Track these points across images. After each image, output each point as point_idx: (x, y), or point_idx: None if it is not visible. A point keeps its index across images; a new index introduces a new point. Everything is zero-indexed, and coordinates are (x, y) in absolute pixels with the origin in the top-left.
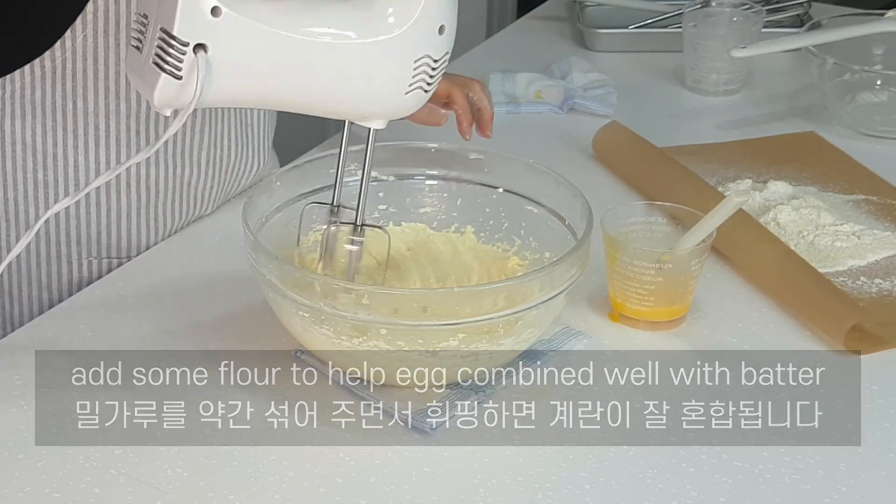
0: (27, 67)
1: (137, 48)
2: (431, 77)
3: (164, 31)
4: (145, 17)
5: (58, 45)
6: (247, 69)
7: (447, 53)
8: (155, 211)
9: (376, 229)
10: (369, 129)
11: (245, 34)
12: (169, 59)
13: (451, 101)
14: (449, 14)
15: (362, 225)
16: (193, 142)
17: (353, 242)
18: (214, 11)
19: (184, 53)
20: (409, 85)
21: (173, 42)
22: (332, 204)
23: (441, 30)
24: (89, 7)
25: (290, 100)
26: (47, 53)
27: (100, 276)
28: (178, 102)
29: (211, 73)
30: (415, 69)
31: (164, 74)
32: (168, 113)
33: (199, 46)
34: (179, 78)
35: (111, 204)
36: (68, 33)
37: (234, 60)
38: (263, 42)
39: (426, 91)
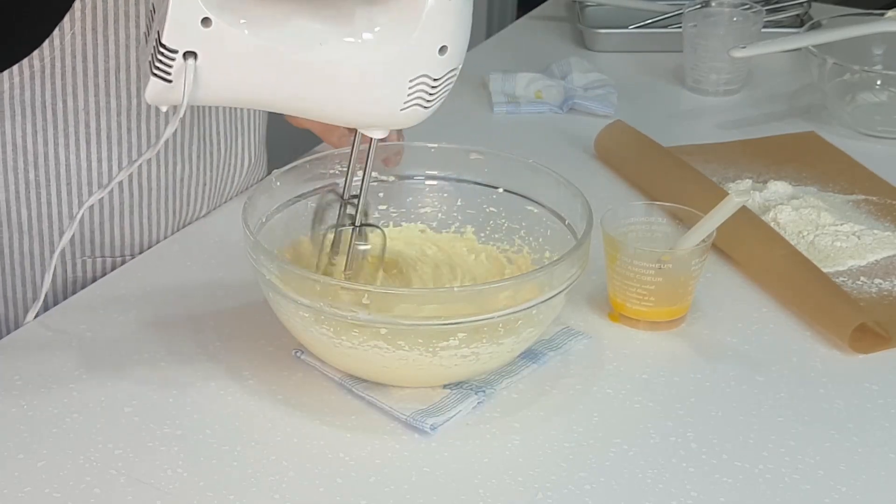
0: (15, 68)
1: (146, 38)
2: (431, 95)
3: (157, 34)
4: (153, 10)
5: (46, 43)
6: (237, 76)
7: (453, 70)
8: (148, 209)
9: (374, 228)
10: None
11: (235, 45)
12: (159, 63)
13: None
14: (453, 34)
15: (362, 225)
16: (184, 137)
17: (357, 243)
18: (205, 22)
19: (173, 60)
20: (405, 102)
21: (163, 49)
22: (342, 198)
23: (442, 50)
24: (77, 5)
25: (284, 105)
26: (35, 53)
27: (94, 276)
28: (168, 101)
29: (200, 78)
30: (410, 87)
31: (153, 77)
32: (164, 109)
33: (189, 54)
34: (169, 81)
35: (103, 202)
36: (56, 32)
37: (225, 68)
38: (254, 53)
39: (426, 108)
